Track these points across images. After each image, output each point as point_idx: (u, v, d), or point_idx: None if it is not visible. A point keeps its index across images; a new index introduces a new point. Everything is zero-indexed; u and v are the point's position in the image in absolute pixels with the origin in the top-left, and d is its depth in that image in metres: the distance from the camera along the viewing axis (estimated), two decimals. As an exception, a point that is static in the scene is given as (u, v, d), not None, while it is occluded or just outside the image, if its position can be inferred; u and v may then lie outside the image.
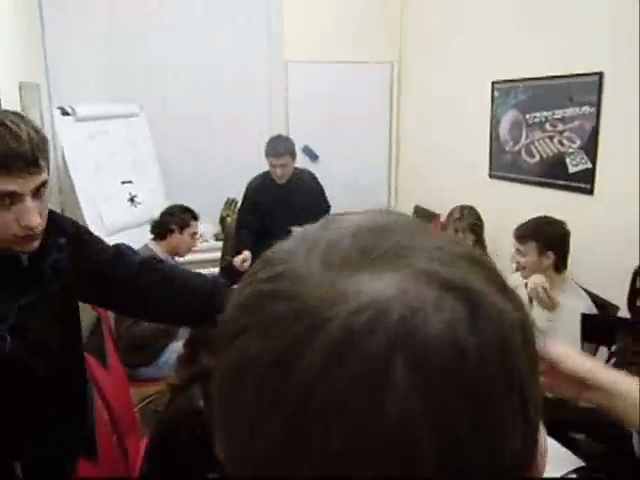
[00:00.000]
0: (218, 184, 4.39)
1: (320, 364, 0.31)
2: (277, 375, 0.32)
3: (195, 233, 3.29)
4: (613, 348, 2.27)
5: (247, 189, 3.86)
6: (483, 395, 0.31)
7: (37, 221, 1.14)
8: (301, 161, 4.77)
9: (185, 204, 3.39)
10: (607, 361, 2.37)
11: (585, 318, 2.43)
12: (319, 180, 3.94)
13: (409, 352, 0.30)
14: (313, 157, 4.82)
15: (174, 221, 3.18)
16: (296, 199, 3.70)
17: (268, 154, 3.64)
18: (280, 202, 3.68)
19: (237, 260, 3.56)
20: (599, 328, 2.38)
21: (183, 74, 4.31)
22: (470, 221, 3.21)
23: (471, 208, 3.29)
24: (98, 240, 1.50)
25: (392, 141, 5.15)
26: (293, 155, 3.69)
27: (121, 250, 1.51)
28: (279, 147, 3.63)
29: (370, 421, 0.30)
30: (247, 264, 3.55)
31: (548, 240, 2.60)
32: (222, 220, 4.56)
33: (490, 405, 0.31)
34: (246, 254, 3.58)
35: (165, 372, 3.02)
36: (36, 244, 1.20)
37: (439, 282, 0.33)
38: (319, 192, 3.91)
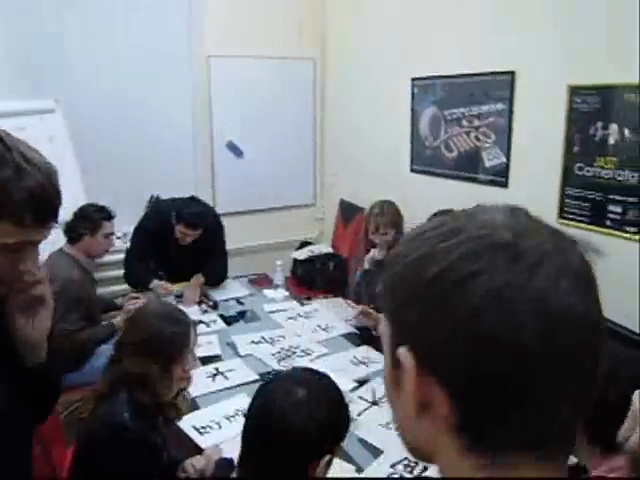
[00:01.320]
0: (140, 181, 4.28)
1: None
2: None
3: (110, 234, 3.20)
4: None
5: (144, 228, 3.61)
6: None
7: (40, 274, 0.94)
8: (225, 157, 4.75)
9: (106, 202, 3.30)
10: None
11: None
12: (224, 233, 3.76)
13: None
14: (237, 153, 4.80)
15: (85, 225, 3.11)
16: (193, 253, 3.51)
17: (180, 221, 3.35)
18: (176, 252, 3.50)
19: (157, 286, 3.42)
20: None
21: (101, 69, 4.16)
22: (390, 217, 3.26)
23: (391, 203, 3.33)
24: None
25: (316, 136, 5.19)
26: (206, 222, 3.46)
27: None
28: (195, 220, 3.36)
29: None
30: (167, 290, 3.40)
31: None
32: (146, 218, 4.46)
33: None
34: (165, 284, 3.43)
35: (90, 378, 2.94)
36: None
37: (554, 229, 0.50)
38: (218, 246, 3.73)
